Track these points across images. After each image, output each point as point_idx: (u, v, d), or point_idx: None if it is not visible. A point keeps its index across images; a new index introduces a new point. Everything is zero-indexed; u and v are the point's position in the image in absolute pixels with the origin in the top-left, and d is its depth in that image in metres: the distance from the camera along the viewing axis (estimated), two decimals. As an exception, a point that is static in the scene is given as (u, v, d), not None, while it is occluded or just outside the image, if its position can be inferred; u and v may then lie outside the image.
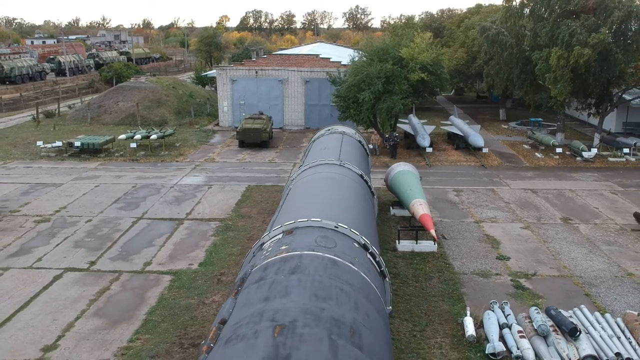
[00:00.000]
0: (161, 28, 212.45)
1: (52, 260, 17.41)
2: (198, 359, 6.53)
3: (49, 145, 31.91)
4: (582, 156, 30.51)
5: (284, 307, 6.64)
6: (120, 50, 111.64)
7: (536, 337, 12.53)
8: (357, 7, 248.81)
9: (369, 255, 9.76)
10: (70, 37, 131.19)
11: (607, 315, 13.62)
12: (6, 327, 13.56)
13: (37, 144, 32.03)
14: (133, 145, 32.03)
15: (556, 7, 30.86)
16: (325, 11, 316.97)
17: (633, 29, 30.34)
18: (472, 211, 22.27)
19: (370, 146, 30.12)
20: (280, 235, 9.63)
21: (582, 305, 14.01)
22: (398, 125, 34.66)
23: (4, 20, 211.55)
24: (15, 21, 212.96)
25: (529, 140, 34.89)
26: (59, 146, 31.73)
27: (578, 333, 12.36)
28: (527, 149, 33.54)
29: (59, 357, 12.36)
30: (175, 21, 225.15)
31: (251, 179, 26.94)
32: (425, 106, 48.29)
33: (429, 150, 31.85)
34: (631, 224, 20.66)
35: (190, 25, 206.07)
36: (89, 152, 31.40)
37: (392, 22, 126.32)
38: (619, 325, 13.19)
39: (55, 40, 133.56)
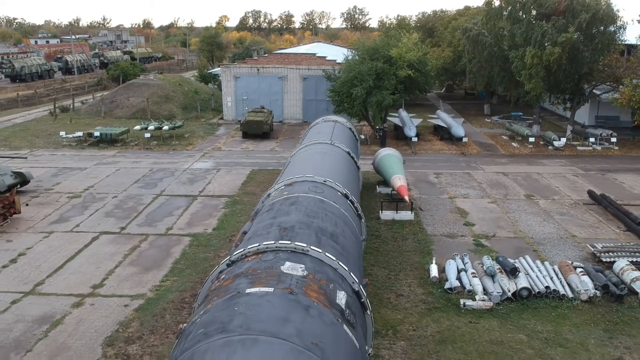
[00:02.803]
0: (161, 28, 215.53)
1: (88, 226, 20.64)
2: (230, 251, 9.72)
3: (70, 136, 35.11)
4: (553, 145, 33.77)
5: (286, 220, 9.86)
6: (124, 50, 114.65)
7: (485, 277, 15.79)
8: (354, 7, 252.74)
9: (348, 202, 12.98)
10: (73, 37, 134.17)
11: (546, 262, 16.87)
12: (60, 272, 16.79)
13: (60, 134, 35.20)
14: (147, 135, 35.22)
15: (531, 9, 34.14)
16: (323, 11, 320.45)
17: (600, 29, 33.57)
18: (448, 190, 25.51)
19: (362, 136, 33.31)
20: (282, 187, 12.84)
21: (527, 256, 17.25)
22: (388, 118, 37.83)
23: (5, 20, 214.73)
24: (16, 21, 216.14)
25: (507, 131, 38.13)
26: (79, 136, 34.96)
27: (517, 272, 15.59)
28: (505, 140, 36.77)
29: (105, 292, 15.59)
30: (175, 21, 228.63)
31: (254, 164, 30.16)
32: (416, 102, 51.64)
33: (415, 139, 35.03)
34: (584, 199, 23.91)
35: (190, 25, 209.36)
36: (107, 141, 34.62)
37: (388, 22, 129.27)
38: (554, 270, 16.42)
39: (59, 40, 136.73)
